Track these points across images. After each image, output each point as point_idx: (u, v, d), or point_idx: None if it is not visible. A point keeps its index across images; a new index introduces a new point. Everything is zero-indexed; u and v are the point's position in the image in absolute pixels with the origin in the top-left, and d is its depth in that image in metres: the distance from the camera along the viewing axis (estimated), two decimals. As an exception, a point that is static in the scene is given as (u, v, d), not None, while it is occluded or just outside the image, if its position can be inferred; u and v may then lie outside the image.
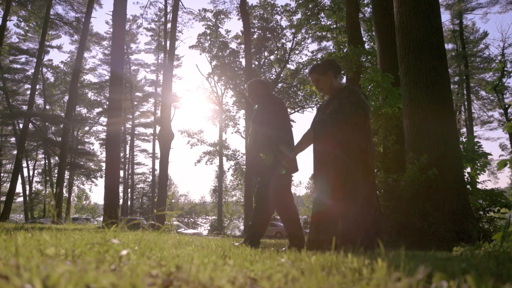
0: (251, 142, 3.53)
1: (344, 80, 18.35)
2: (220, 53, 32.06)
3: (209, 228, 37.75)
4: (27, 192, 40.67)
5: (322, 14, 26.57)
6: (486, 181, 6.95)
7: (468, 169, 6.83)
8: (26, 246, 1.32)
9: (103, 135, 41.59)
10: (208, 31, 31.88)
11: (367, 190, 2.79)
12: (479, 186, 6.58)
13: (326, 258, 1.38)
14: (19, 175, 31.05)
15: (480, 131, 36.02)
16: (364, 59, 16.93)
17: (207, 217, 42.31)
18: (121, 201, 37.52)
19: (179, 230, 19.40)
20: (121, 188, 38.72)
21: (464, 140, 7.28)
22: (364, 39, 18.59)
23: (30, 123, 24.90)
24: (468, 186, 6.14)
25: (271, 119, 3.48)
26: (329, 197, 2.84)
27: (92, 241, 1.54)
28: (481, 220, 5.79)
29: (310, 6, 25.99)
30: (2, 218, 19.39)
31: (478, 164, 6.92)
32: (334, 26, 26.72)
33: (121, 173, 37.88)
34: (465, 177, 6.11)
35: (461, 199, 5.49)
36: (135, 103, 39.63)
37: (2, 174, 42.59)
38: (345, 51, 18.41)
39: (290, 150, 3.34)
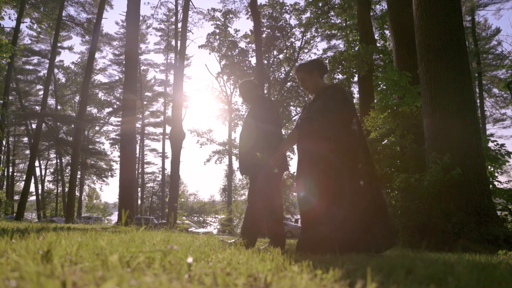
0: (252, 139, 3.49)
1: (356, 79, 18.22)
2: (229, 53, 32.08)
3: (218, 227, 37.82)
4: (39, 191, 41.18)
5: (332, 13, 26.40)
6: (511, 181, 6.83)
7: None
8: (85, 252, 1.31)
9: (113, 135, 41.95)
10: (217, 31, 31.91)
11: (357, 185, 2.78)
12: (503, 186, 6.48)
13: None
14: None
15: (492, 129, 35.53)
16: (376, 57, 16.76)
17: (216, 216, 42.40)
18: (131, 200, 37.87)
19: (190, 229, 19.45)
20: (131, 188, 39.10)
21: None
22: (375, 37, 18.40)
23: (43, 123, 25.17)
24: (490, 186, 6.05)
25: (270, 116, 3.50)
26: (316, 197, 2.83)
27: (144, 246, 1.52)
28: (506, 221, 5.68)
29: (320, 4, 25.84)
30: (17, 217, 19.65)
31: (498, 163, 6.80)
32: (344, 24, 26.55)
33: (132, 172, 38.22)
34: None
35: (484, 199, 5.40)
36: (145, 102, 39.84)
37: (15, 174, 43.18)
38: (356, 49, 18.27)
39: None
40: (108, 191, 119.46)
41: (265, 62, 30.71)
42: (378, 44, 18.27)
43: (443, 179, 5.24)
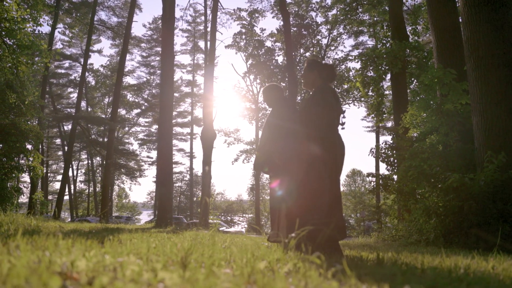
0: (278, 138, 3.42)
1: (388, 76, 17.87)
2: (255, 52, 32.18)
3: (246, 226, 38.06)
4: (72, 191, 42.65)
5: (360, 9, 26.01)
6: None
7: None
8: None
9: (141, 135, 42.93)
10: (244, 30, 32.06)
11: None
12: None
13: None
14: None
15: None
16: (409, 53, 16.38)
17: (244, 215, 42.68)
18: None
19: (221, 229, 19.67)
20: (159, 187, 39.86)
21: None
22: (407, 32, 17.98)
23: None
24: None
25: (291, 115, 3.54)
26: (293, 195, 3.01)
27: (267, 251, 1.57)
28: None
29: (348, 1, 25.51)
30: (54, 216, 20.42)
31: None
32: (372, 20, 26.08)
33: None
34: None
35: (543, 199, 5.20)
36: (173, 103, 40.49)
37: (48, 174, 44.85)
38: (387, 46, 17.91)
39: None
40: (137, 190, 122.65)
41: (292, 60, 30.60)
42: (410, 40, 17.85)
43: (501, 178, 5.09)
